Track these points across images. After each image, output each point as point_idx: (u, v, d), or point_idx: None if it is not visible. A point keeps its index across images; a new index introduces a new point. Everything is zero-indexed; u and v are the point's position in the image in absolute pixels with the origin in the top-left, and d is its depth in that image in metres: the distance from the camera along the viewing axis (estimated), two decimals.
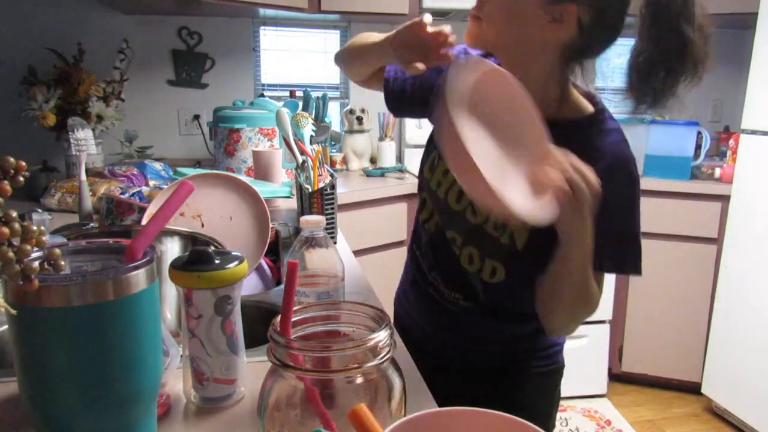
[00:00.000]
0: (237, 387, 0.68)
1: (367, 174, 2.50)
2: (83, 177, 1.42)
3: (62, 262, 0.44)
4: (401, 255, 2.35)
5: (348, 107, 2.65)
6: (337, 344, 0.51)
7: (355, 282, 1.12)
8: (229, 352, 0.66)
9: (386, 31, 0.94)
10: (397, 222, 2.28)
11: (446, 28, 0.82)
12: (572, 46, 0.86)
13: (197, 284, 0.63)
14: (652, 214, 2.43)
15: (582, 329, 2.45)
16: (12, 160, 0.42)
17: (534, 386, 1.15)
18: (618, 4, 0.85)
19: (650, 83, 0.87)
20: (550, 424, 1.19)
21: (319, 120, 2.32)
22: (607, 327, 2.49)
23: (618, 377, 2.64)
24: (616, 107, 1.00)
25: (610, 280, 2.43)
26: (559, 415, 2.38)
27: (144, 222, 1.03)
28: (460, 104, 0.72)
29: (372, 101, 2.72)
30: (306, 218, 0.75)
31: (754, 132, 2.16)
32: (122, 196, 1.34)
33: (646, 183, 2.43)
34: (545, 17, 0.82)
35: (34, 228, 0.42)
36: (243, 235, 1.10)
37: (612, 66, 3.19)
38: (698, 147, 2.50)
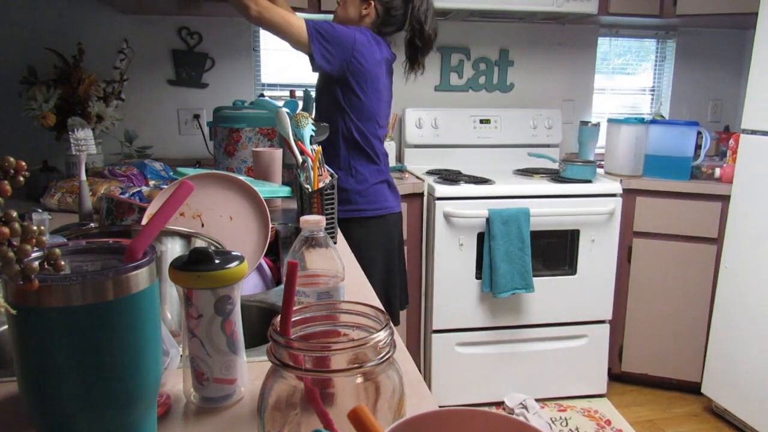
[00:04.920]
0: (237, 387, 0.68)
1: None
2: (83, 177, 1.42)
3: (62, 262, 0.44)
4: None
5: None
6: (337, 344, 0.51)
7: (355, 282, 1.12)
8: (229, 352, 0.66)
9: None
10: None
11: None
12: (377, 22, 1.83)
13: (197, 284, 0.63)
14: (652, 214, 2.43)
15: (582, 329, 2.46)
16: (12, 160, 0.42)
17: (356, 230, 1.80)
18: (398, 7, 1.81)
19: (411, 55, 1.88)
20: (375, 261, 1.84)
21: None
22: (607, 327, 2.49)
23: (618, 377, 2.64)
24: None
25: (609, 279, 2.43)
26: (559, 414, 2.38)
27: (144, 222, 1.03)
28: None
29: None
30: (306, 218, 0.75)
31: (754, 132, 2.16)
32: (122, 196, 1.34)
33: (646, 183, 2.43)
34: (362, 7, 1.80)
35: (34, 228, 0.42)
36: (243, 235, 1.10)
37: (612, 66, 3.19)
38: (698, 147, 2.50)
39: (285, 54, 2.71)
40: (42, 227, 0.43)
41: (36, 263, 0.43)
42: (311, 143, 1.47)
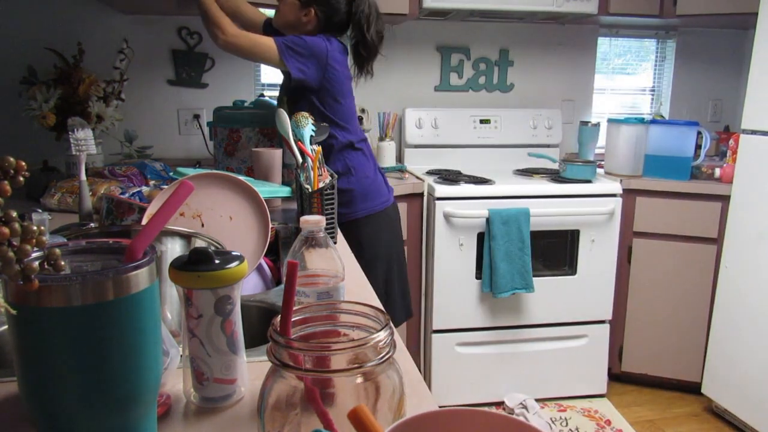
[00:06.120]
0: (237, 387, 0.68)
1: None
2: (83, 177, 1.42)
3: (62, 262, 0.44)
4: None
5: None
6: (337, 344, 0.51)
7: (355, 282, 1.12)
8: (229, 352, 0.66)
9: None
10: None
11: None
12: (318, 27, 1.77)
13: (197, 284, 0.63)
14: (652, 214, 2.43)
15: (582, 329, 2.46)
16: (12, 160, 0.42)
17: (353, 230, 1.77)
18: (336, 12, 1.75)
19: (357, 61, 1.82)
20: (376, 256, 1.82)
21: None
22: (607, 327, 2.49)
23: (618, 377, 2.64)
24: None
25: (609, 279, 2.43)
26: (559, 414, 2.38)
27: (144, 222, 1.03)
28: None
29: (372, 101, 2.72)
30: (306, 218, 0.75)
31: (754, 132, 2.16)
32: (122, 196, 1.34)
33: (646, 183, 2.43)
34: (301, 13, 1.74)
35: (34, 228, 0.42)
36: (243, 235, 1.10)
37: (612, 66, 3.19)
38: (698, 147, 2.50)
39: None
40: (42, 227, 0.43)
41: (36, 263, 0.43)
42: (311, 143, 1.47)
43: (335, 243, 1.38)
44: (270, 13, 2.39)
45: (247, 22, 1.96)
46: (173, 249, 0.86)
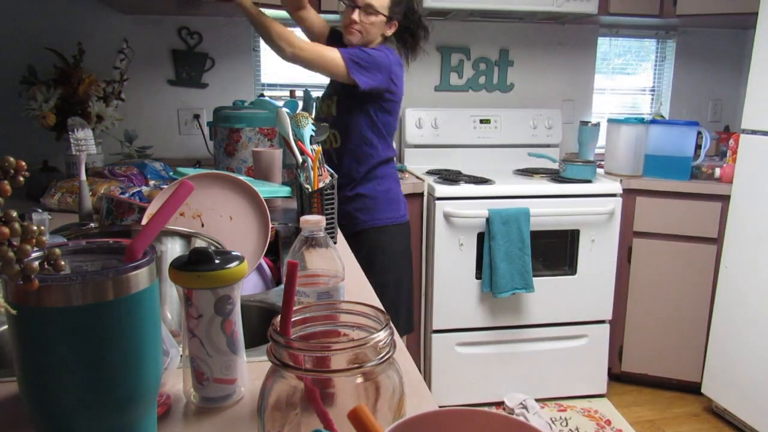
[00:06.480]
0: (237, 387, 0.68)
1: None
2: (83, 177, 1.42)
3: (62, 262, 0.44)
4: None
5: None
6: (337, 344, 0.51)
7: (355, 282, 1.12)
8: (229, 352, 0.66)
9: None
10: None
11: None
12: (396, 35, 1.87)
13: (197, 284, 0.63)
14: (652, 214, 2.43)
15: (582, 329, 2.46)
16: (12, 160, 0.42)
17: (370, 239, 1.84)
18: (413, 24, 1.87)
19: (406, 46, 1.91)
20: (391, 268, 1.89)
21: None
22: (607, 327, 2.49)
23: (618, 377, 2.64)
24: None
25: (609, 279, 2.43)
26: (559, 414, 2.38)
27: (144, 222, 1.03)
28: None
29: None
30: (306, 218, 0.75)
31: (754, 132, 2.16)
32: (122, 196, 1.34)
33: (646, 183, 2.43)
34: (386, 28, 1.83)
35: (34, 228, 0.42)
36: (243, 235, 1.10)
37: (612, 66, 3.18)
38: (698, 147, 2.50)
39: None
40: (42, 227, 0.43)
41: (36, 263, 0.43)
42: (311, 143, 1.47)
43: (335, 243, 1.38)
44: (270, 13, 2.39)
45: (315, 30, 2.02)
46: (173, 249, 0.86)
